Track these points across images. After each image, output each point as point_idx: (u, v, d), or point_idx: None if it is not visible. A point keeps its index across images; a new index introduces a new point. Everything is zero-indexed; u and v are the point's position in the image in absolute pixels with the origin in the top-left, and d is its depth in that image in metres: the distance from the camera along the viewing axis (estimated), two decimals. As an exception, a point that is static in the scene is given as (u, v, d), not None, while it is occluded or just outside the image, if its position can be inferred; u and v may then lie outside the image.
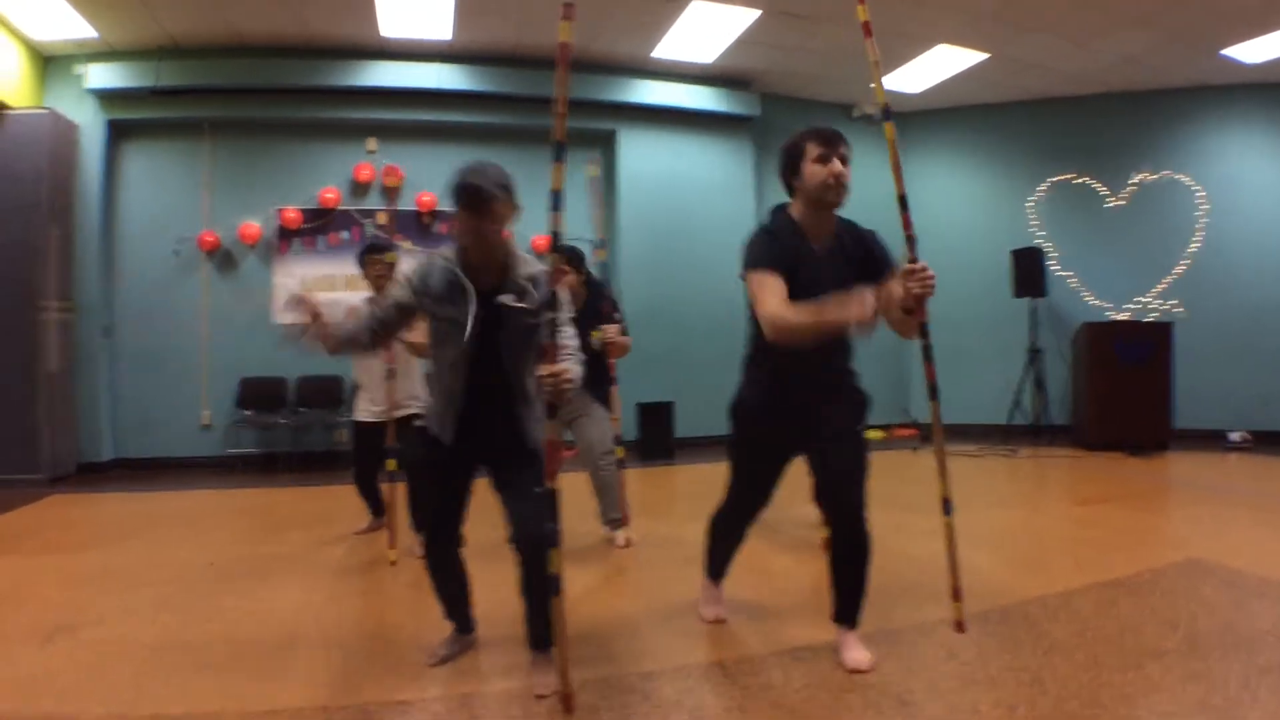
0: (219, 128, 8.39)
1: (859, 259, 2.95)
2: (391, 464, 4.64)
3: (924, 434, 9.46)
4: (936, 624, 3.34)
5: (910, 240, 2.92)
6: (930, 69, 9.03)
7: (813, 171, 2.85)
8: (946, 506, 2.88)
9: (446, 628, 3.17)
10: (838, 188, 2.85)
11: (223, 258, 8.37)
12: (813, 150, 2.85)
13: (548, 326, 2.67)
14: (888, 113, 2.85)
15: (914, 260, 2.78)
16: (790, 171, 2.95)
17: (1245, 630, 3.28)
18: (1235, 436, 8.97)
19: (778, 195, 3.05)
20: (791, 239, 2.92)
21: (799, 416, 2.99)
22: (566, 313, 2.85)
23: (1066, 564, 4.33)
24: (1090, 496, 6.31)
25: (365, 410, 4.94)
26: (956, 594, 2.87)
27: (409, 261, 3.32)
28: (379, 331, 2.89)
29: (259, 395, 8.23)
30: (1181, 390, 9.04)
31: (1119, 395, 8.68)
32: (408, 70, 8.40)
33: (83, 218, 7.97)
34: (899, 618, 3.40)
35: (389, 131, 8.67)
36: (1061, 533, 5.16)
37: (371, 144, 8.61)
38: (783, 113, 9.84)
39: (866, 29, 2.89)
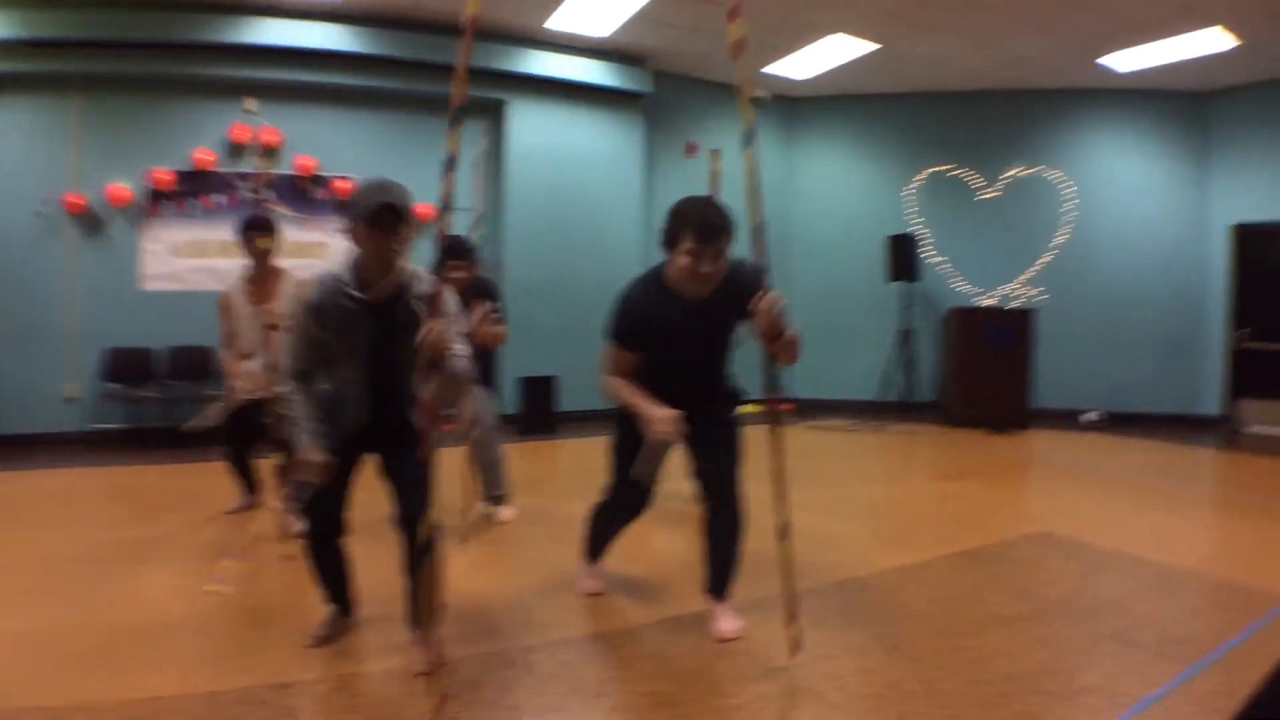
0: (89, 83, 7.90)
1: (734, 300, 2.96)
2: (275, 451, 4.52)
3: (801, 408, 9.75)
4: (803, 593, 3.49)
5: (763, 270, 2.92)
6: (822, 56, 9.18)
7: (681, 262, 2.88)
8: (784, 532, 2.93)
9: (325, 609, 3.14)
10: (700, 284, 2.91)
11: (89, 221, 7.92)
12: (687, 242, 2.85)
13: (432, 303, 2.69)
14: (750, 138, 2.87)
15: (766, 291, 2.81)
16: (667, 244, 2.95)
17: (1089, 599, 3.54)
18: (1089, 417, 9.61)
19: (667, 172, 3.14)
20: (661, 299, 3.00)
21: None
22: (456, 324, 2.87)
23: (927, 536, 4.58)
24: (952, 472, 6.65)
25: (239, 388, 4.81)
26: (792, 616, 2.95)
27: (302, 284, 3.24)
28: (312, 367, 2.89)
29: (126, 367, 7.84)
30: (1041, 373, 9.56)
31: (983, 376, 9.14)
32: (293, 28, 8.05)
33: (-63, 174, 7.41)
34: (767, 587, 3.53)
35: (269, 91, 8.36)
36: (924, 506, 5.44)
37: (250, 104, 8.30)
38: (675, 90, 9.91)
39: (737, 48, 2.92)
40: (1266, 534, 4.89)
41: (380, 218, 2.66)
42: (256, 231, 4.68)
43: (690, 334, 2.99)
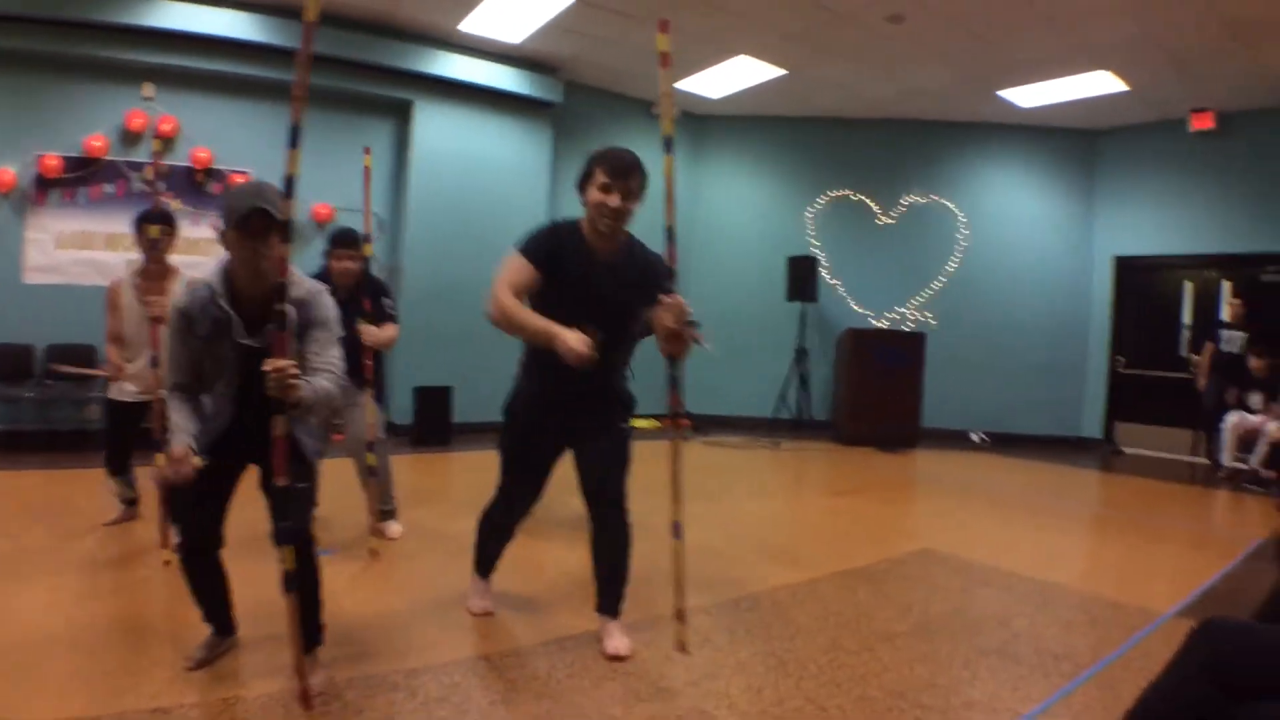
0: (-25, 60, 7.48)
1: (640, 280, 3.02)
2: (160, 459, 4.29)
3: (696, 425, 9.82)
4: (692, 612, 3.49)
5: (672, 273, 2.93)
6: (732, 77, 9.31)
7: (593, 196, 2.95)
8: (676, 530, 2.94)
9: (205, 628, 2.98)
10: (609, 218, 2.93)
11: (-33, 207, 7.48)
12: (600, 176, 2.93)
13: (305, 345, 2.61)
14: (669, 144, 2.89)
15: (671, 293, 2.83)
16: (581, 185, 3.02)
17: (971, 615, 3.63)
18: (975, 437, 9.99)
19: (572, 183, 3.11)
20: (574, 244, 3.01)
21: (566, 415, 3.08)
22: (331, 332, 2.76)
23: (816, 553, 4.64)
24: (842, 489, 6.78)
25: (123, 388, 4.58)
26: (680, 615, 2.96)
27: (192, 284, 3.09)
28: (196, 383, 2.77)
29: (3, 364, 7.42)
30: (931, 394, 9.86)
31: (875, 396, 9.40)
32: (196, 13, 7.69)
33: None
34: (660, 605, 3.52)
35: (168, 78, 7.98)
36: (814, 522, 5.53)
37: (147, 90, 7.96)
38: (586, 102, 9.90)
39: (664, 59, 2.93)
40: (1140, 551, 5.14)
41: (250, 223, 2.53)
42: (152, 224, 4.45)
43: (594, 294, 2.96)
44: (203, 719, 2.53)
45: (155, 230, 4.44)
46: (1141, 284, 10.03)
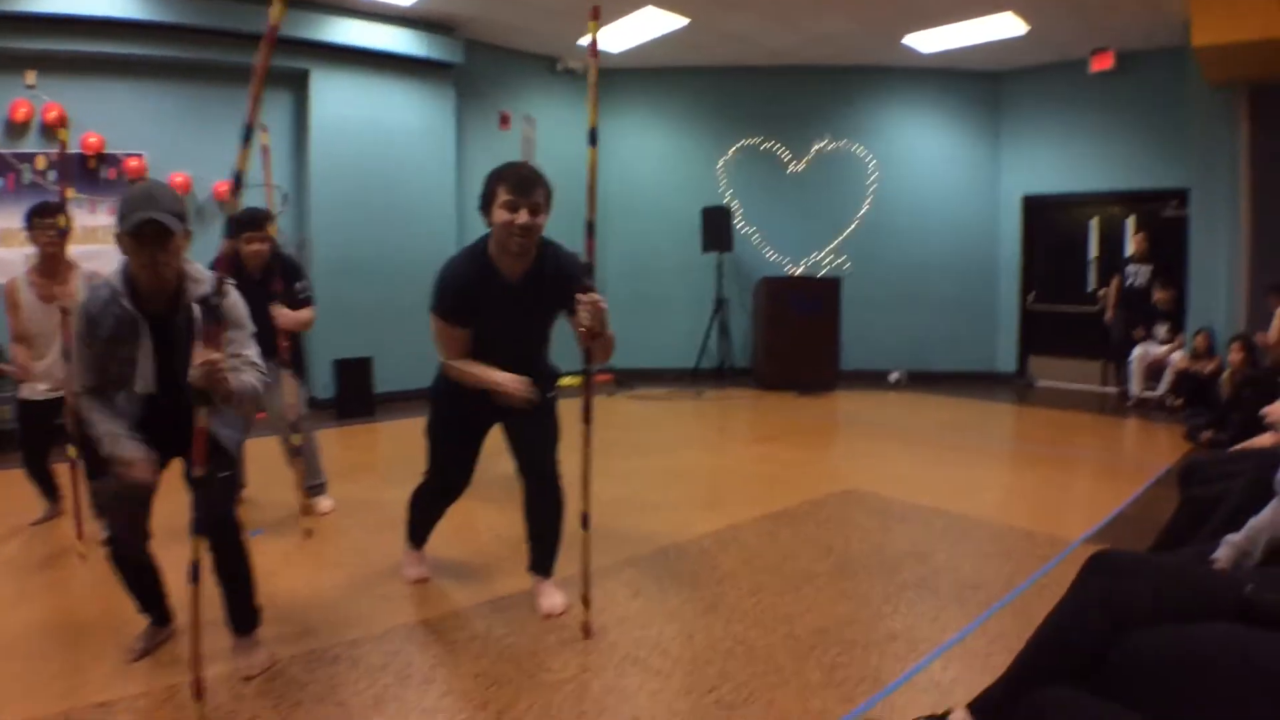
0: None
1: (555, 290, 3.00)
2: (72, 450, 4.20)
3: (619, 379, 9.90)
4: (622, 564, 3.60)
5: (589, 267, 2.93)
6: (634, 30, 9.26)
7: (499, 216, 2.86)
8: (585, 521, 3.01)
9: (142, 620, 2.98)
10: (520, 236, 2.86)
11: None
12: (502, 194, 2.85)
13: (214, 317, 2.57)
14: (593, 136, 2.88)
15: (589, 289, 2.83)
16: (484, 207, 2.93)
17: (890, 552, 3.80)
18: (893, 377, 10.26)
19: (478, 145, 3.14)
20: (481, 273, 2.96)
21: (492, 396, 3.05)
22: (243, 329, 2.74)
23: (740, 499, 4.78)
24: (764, 435, 6.94)
25: (34, 386, 4.47)
26: (586, 601, 3.02)
27: (92, 276, 3.01)
28: (105, 383, 2.72)
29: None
30: (848, 337, 10.11)
31: (793, 341, 9.58)
32: (74, -6, 7.48)
33: None
34: (592, 561, 3.61)
35: (51, 64, 7.68)
36: (736, 470, 5.67)
37: (30, 78, 7.64)
38: (487, 61, 9.77)
39: (593, 48, 2.90)
40: (1052, 482, 5.40)
41: (143, 232, 2.49)
42: (44, 218, 4.32)
43: (510, 312, 2.99)
44: (149, 708, 2.54)
45: (46, 225, 4.31)
46: (1049, 222, 10.35)
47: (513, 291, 2.97)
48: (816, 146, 10.64)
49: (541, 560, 3.25)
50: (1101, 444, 6.85)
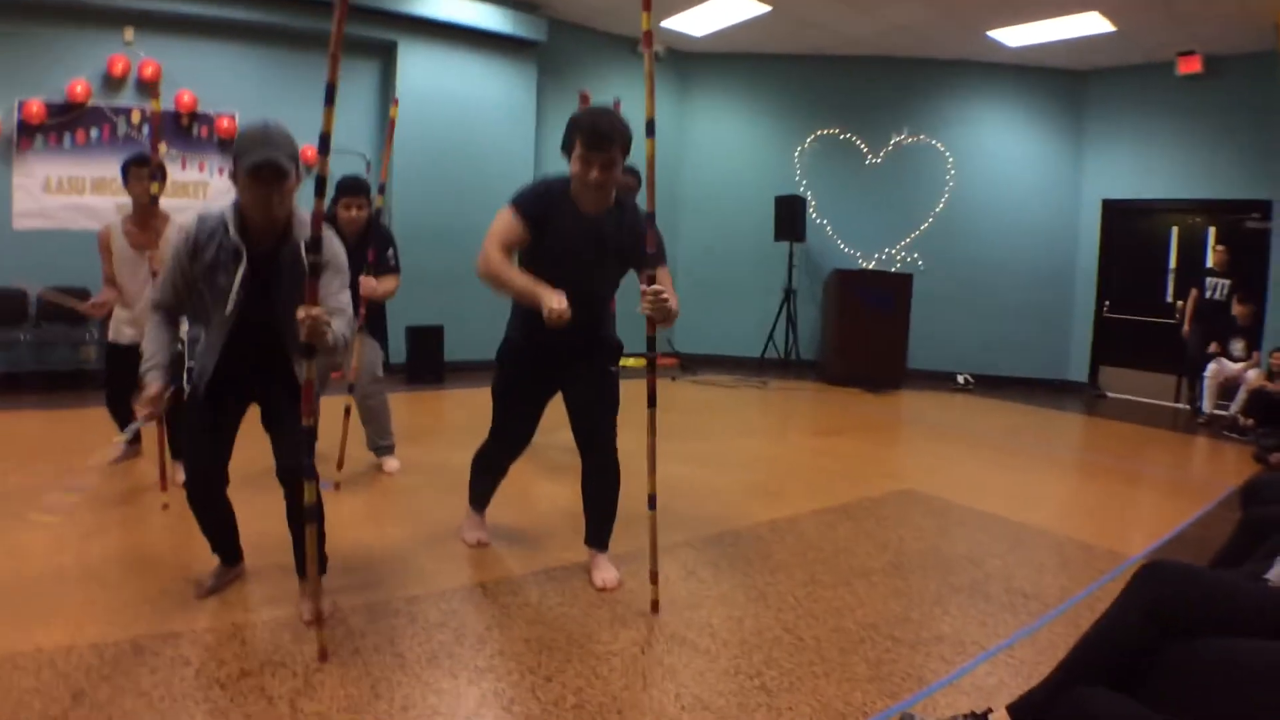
0: (-49, 5, 7.41)
1: (626, 245, 3.10)
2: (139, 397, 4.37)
3: (684, 364, 9.93)
4: (679, 546, 3.64)
5: (650, 257, 2.99)
6: (717, 14, 9.25)
7: (576, 169, 2.98)
8: (652, 501, 3.06)
9: (213, 559, 3.12)
10: (594, 191, 2.97)
11: (-46, 153, 7.46)
12: (579, 147, 2.95)
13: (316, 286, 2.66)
14: (650, 127, 2.92)
15: (652, 280, 2.91)
16: (565, 150, 3.05)
17: (945, 553, 3.78)
18: (960, 379, 10.08)
19: (558, 122, 3.17)
20: (562, 197, 3.05)
21: (555, 362, 3.18)
22: (341, 276, 2.83)
23: (798, 490, 4.79)
24: (827, 428, 6.92)
25: (122, 331, 4.65)
26: (654, 577, 3.08)
27: (185, 219, 3.14)
28: (178, 306, 2.86)
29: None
30: (917, 335, 9.95)
31: (861, 336, 9.47)
32: (173, -44, 7.73)
33: None
34: (645, 539, 3.66)
35: (149, 22, 7.94)
36: (798, 461, 5.66)
37: (128, 34, 7.90)
38: (570, 40, 9.84)
39: (647, 39, 2.95)
40: (1116, 495, 5.28)
41: (261, 172, 2.60)
42: (140, 169, 4.48)
43: (580, 245, 3.05)
44: (214, 642, 2.66)
45: (141, 175, 4.48)
46: (1129, 228, 10.07)
47: (587, 224, 3.05)
48: (894, 139, 10.52)
49: (597, 534, 3.31)
50: (1169, 460, 6.69)
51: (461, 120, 9.14)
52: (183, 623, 2.78)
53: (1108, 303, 10.15)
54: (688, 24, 9.59)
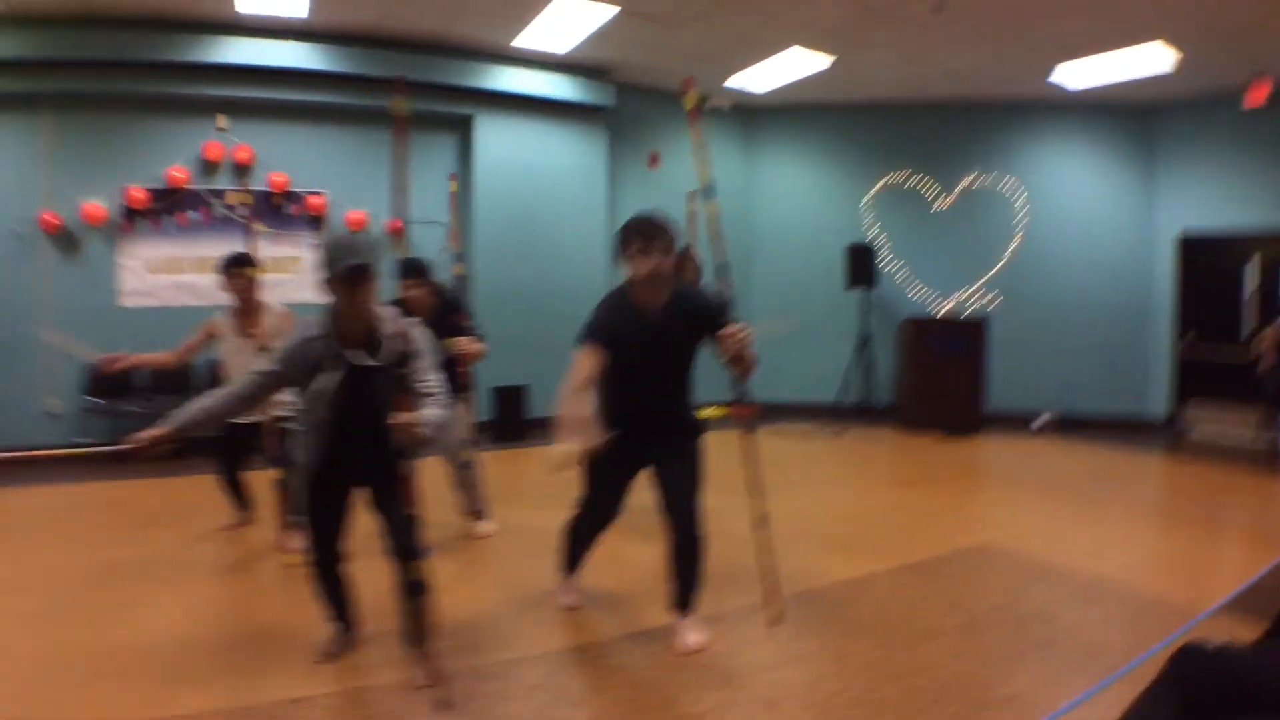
0: (61, 101, 8.02)
1: (692, 317, 3.40)
2: (272, 473, 4.70)
3: (761, 412, 10.06)
4: (758, 607, 3.82)
5: (728, 304, 3.31)
6: (780, 70, 9.48)
7: (632, 265, 3.33)
8: (762, 523, 3.33)
9: (327, 626, 3.43)
10: (650, 286, 3.32)
11: (66, 239, 8.06)
12: (635, 243, 3.31)
13: (409, 376, 2.95)
14: (710, 191, 3.20)
15: (732, 322, 3.21)
16: (621, 254, 3.40)
17: (1018, 610, 3.89)
18: (1038, 422, 9.96)
19: (630, 183, 3.47)
20: (624, 306, 3.40)
21: (642, 441, 3.43)
22: (428, 359, 3.09)
23: (873, 547, 4.92)
24: (903, 479, 7.00)
25: None
26: (772, 594, 3.34)
27: (284, 316, 3.48)
28: (251, 399, 3.14)
29: (107, 382, 8.01)
30: (995, 377, 9.96)
31: (936, 383, 9.51)
32: (261, 47, 8.21)
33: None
34: (729, 602, 3.88)
35: (240, 109, 8.53)
36: (872, 516, 5.77)
37: (222, 121, 8.48)
38: (637, 102, 10.19)
39: (692, 116, 3.24)
40: (1193, 543, 5.22)
41: (353, 276, 2.90)
42: (238, 267, 4.87)
43: (651, 343, 3.34)
44: (338, 706, 2.96)
45: (240, 272, 4.86)
46: (1205, 260, 9.89)
47: (652, 322, 3.36)
48: (964, 182, 10.57)
49: (682, 600, 3.52)
50: (1251, 503, 6.57)
51: (537, 187, 9.53)
52: (307, 688, 3.08)
53: (1186, 337, 9.98)
54: (751, 81, 9.85)
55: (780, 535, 5.00)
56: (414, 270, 4.86)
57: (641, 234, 3.30)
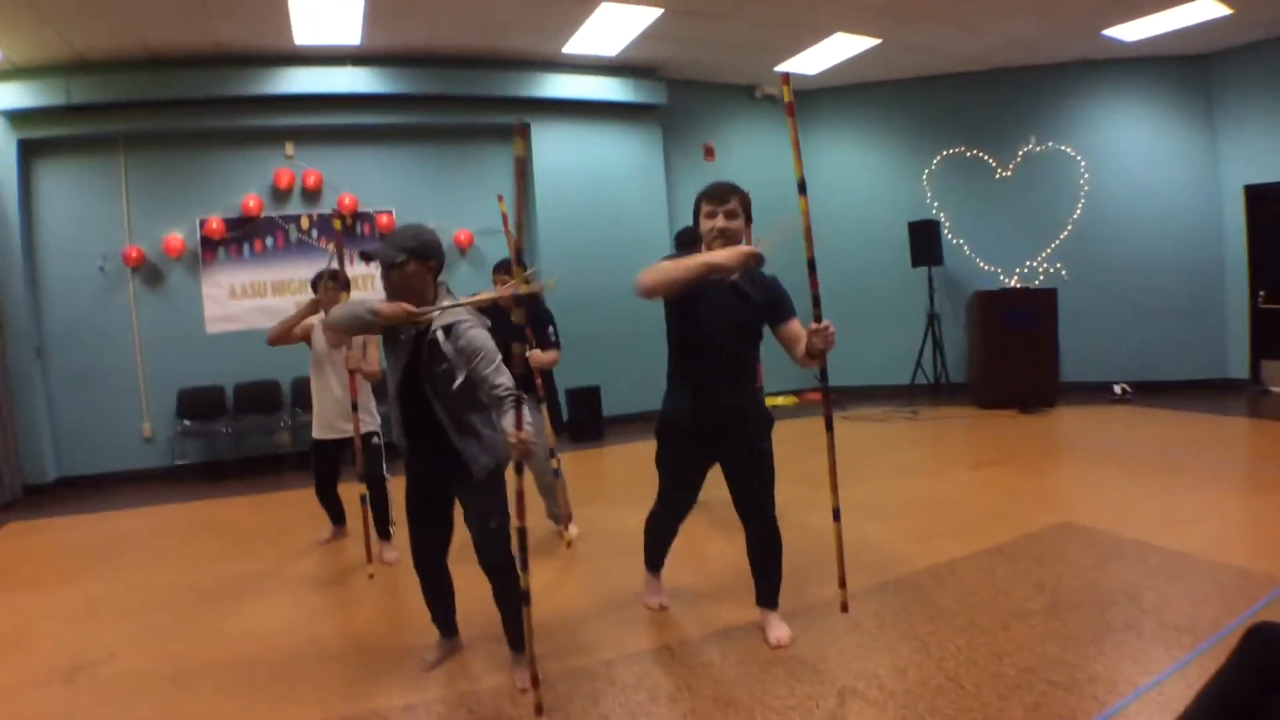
0: (134, 141, 8.42)
1: (762, 301, 3.46)
2: (362, 488, 4.91)
3: (834, 398, 10.04)
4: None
5: (816, 299, 3.34)
6: (828, 53, 9.49)
7: (703, 225, 3.43)
8: (836, 514, 3.43)
9: (430, 633, 3.62)
10: (720, 237, 3.38)
11: (149, 271, 8.45)
12: (704, 207, 3.43)
13: (473, 376, 3.09)
14: (803, 186, 3.27)
15: (819, 319, 3.24)
16: (695, 221, 3.52)
17: (1102, 590, 3.90)
18: (1117, 389, 9.75)
19: (686, 179, 3.60)
20: None
21: (713, 434, 3.51)
22: (485, 355, 3.11)
23: (954, 532, 4.95)
24: (981, 459, 6.95)
25: (322, 430, 5.27)
26: (843, 581, 3.46)
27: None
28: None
29: (198, 404, 8.40)
30: (1067, 347, 9.83)
31: (1009, 356, 9.40)
32: (320, 75, 8.52)
33: (2, 240, 7.93)
34: (812, 594, 3.96)
35: (306, 136, 8.86)
36: (952, 499, 5.78)
37: (289, 149, 8.82)
38: (689, 97, 10.29)
39: (790, 109, 3.30)
40: (1276, 509, 5.09)
41: (380, 267, 3.12)
42: (331, 283, 5.11)
43: (722, 308, 3.42)
44: (447, 711, 3.13)
45: (332, 288, 5.09)
46: (1276, 212, 9.57)
47: (723, 289, 3.42)
48: (1022, 150, 10.44)
49: (766, 595, 3.64)
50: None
51: (596, 189, 9.71)
52: (416, 694, 3.27)
53: (1262, 293, 9.68)
54: (801, 65, 9.85)
55: (859, 524, 5.08)
56: (502, 266, 5.26)
57: (707, 197, 3.43)
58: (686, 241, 5.11)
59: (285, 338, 5.26)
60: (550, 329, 5.24)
